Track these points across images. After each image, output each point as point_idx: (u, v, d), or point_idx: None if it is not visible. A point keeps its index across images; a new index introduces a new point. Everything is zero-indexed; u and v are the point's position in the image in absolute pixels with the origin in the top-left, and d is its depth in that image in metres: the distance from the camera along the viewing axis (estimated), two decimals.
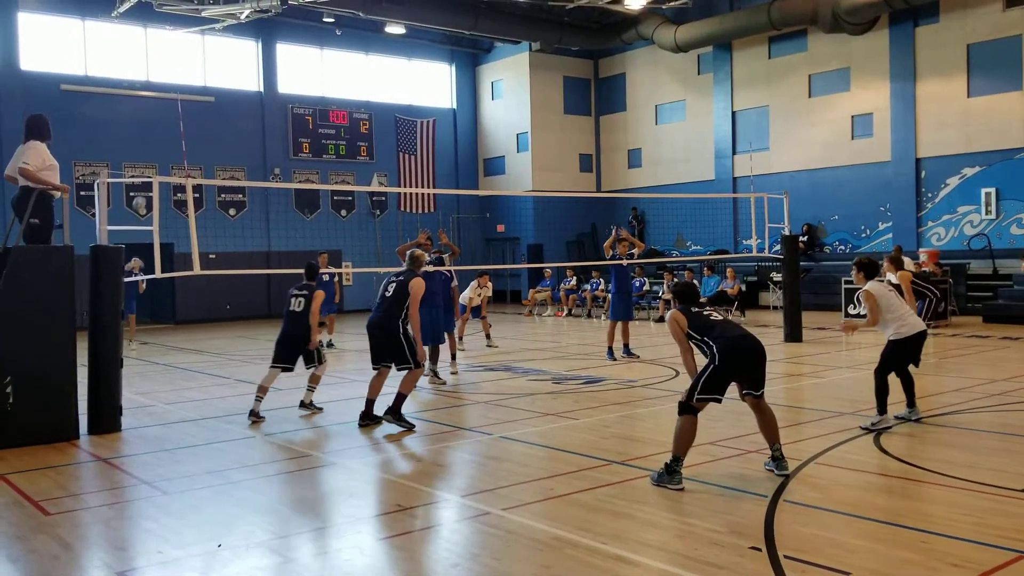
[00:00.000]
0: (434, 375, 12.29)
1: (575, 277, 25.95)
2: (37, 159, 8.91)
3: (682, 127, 29.61)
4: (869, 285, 8.51)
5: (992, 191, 22.40)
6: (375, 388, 9.42)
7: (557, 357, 15.35)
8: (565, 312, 25.27)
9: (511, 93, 31.83)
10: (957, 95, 22.96)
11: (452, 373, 13.06)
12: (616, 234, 14.78)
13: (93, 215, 10.07)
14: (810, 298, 21.95)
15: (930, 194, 23.69)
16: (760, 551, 5.08)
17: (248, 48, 27.87)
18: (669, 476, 6.44)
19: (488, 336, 16.80)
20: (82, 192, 22.97)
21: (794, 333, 16.48)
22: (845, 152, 25.28)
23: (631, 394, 11.04)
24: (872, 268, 8.69)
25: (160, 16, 23.43)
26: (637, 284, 22.69)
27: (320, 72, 29.41)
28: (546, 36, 29.03)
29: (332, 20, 26.92)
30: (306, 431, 9.20)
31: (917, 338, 8.52)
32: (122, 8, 22.59)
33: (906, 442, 7.96)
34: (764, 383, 6.77)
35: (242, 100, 27.56)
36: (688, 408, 6.55)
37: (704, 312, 6.79)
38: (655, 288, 24.26)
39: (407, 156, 30.62)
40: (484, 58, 32.79)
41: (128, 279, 17.91)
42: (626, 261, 14.63)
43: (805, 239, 24.67)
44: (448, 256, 13.35)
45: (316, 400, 10.28)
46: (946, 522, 5.53)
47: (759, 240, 17.91)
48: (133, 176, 24.42)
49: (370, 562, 5.24)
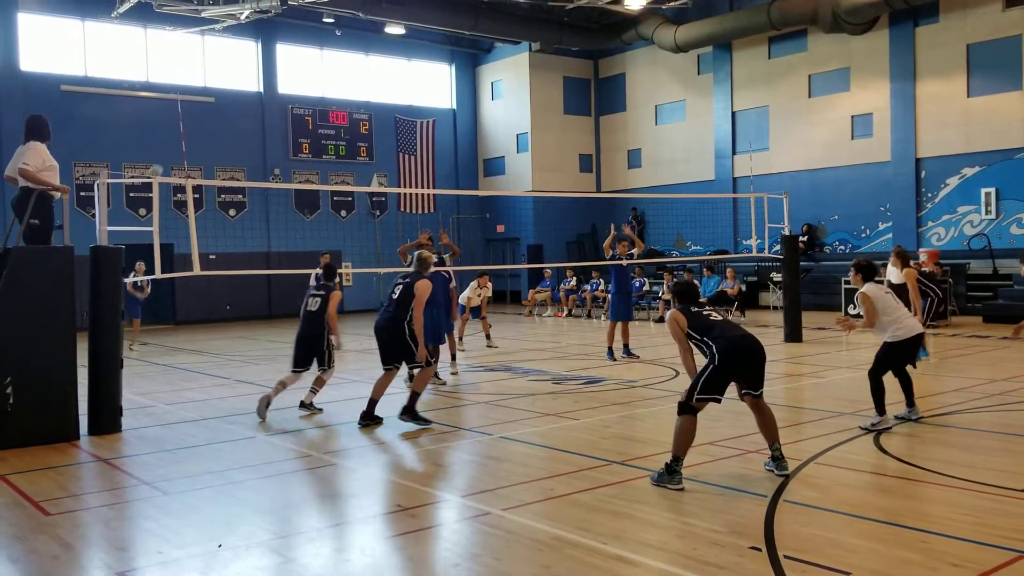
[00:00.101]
0: (434, 376, 12.29)
1: (575, 277, 25.94)
2: (37, 160, 8.90)
3: (682, 127, 29.61)
4: (866, 287, 8.52)
5: (992, 191, 22.40)
6: (379, 389, 9.44)
7: (557, 357, 15.35)
8: (565, 312, 25.27)
9: (511, 93, 31.82)
10: (957, 95, 22.97)
11: (452, 373, 13.07)
12: (619, 232, 14.79)
13: (93, 216, 10.07)
14: (810, 298, 21.95)
15: (930, 194, 23.69)
16: (760, 551, 5.08)
17: (248, 48, 27.87)
18: (669, 476, 6.45)
19: (488, 336, 16.81)
20: (82, 193, 22.97)
21: (794, 333, 16.49)
22: (845, 152, 25.28)
23: (631, 394, 11.04)
24: (870, 270, 8.70)
25: (160, 16, 23.43)
26: (637, 284, 22.70)
27: (320, 72, 29.40)
28: (546, 36, 29.02)
29: (332, 20, 26.91)
30: (307, 431, 9.20)
31: (914, 340, 8.53)
32: (122, 9, 22.58)
33: (906, 442, 7.96)
34: (763, 383, 6.79)
35: (242, 100, 27.56)
36: (688, 408, 6.56)
37: (704, 312, 6.80)
38: (655, 288, 24.27)
39: (407, 156, 30.60)
40: (484, 58, 32.78)
41: (133, 285, 18.03)
42: (626, 261, 14.63)
43: (805, 239, 24.68)
44: (448, 256, 13.35)
45: (317, 400, 10.28)
46: (946, 522, 5.54)
47: (759, 240, 17.91)
48: (133, 177, 24.40)
49: (370, 562, 5.25)
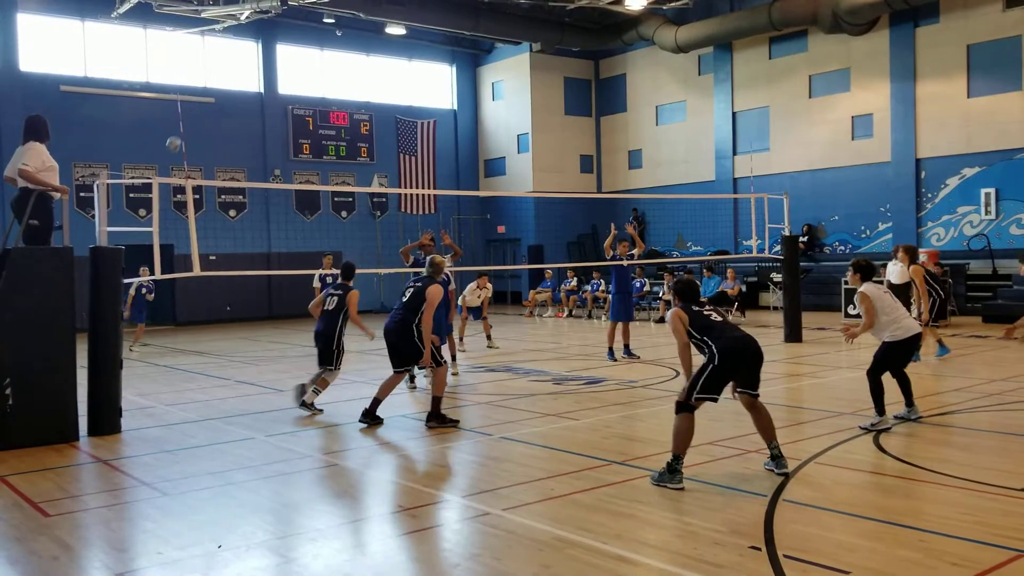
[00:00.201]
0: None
1: (576, 278, 25.95)
2: (36, 160, 8.89)
3: (683, 128, 29.61)
4: (865, 287, 8.49)
5: (992, 191, 22.40)
6: (385, 389, 9.46)
7: (558, 358, 15.35)
8: (566, 313, 25.27)
9: (512, 94, 31.83)
10: (957, 95, 22.97)
11: (453, 374, 13.06)
12: (620, 231, 14.79)
13: (93, 216, 10.06)
14: (810, 299, 21.96)
15: (930, 194, 23.69)
16: (760, 550, 5.08)
17: (248, 49, 27.87)
18: (671, 475, 6.45)
19: (489, 337, 16.80)
20: (82, 193, 22.98)
21: (794, 333, 16.50)
22: (845, 153, 25.28)
23: (632, 394, 11.04)
24: (868, 270, 8.69)
25: (160, 17, 23.44)
26: (637, 285, 22.70)
27: (320, 73, 29.41)
28: (547, 37, 29.03)
29: (332, 21, 26.91)
30: (307, 432, 9.19)
31: (912, 340, 8.52)
32: (122, 9, 22.58)
33: (905, 442, 7.96)
34: (759, 383, 6.80)
35: (242, 101, 27.55)
36: (686, 407, 6.57)
37: (705, 312, 6.80)
38: (655, 289, 24.27)
39: (408, 157, 30.59)
40: (485, 59, 32.79)
41: (147, 289, 18.00)
42: (626, 262, 14.63)
43: (805, 240, 24.70)
44: (450, 257, 13.35)
45: (318, 401, 10.28)
46: (945, 521, 5.54)
47: (759, 241, 17.92)
48: (133, 177, 24.40)
49: (371, 563, 5.24)
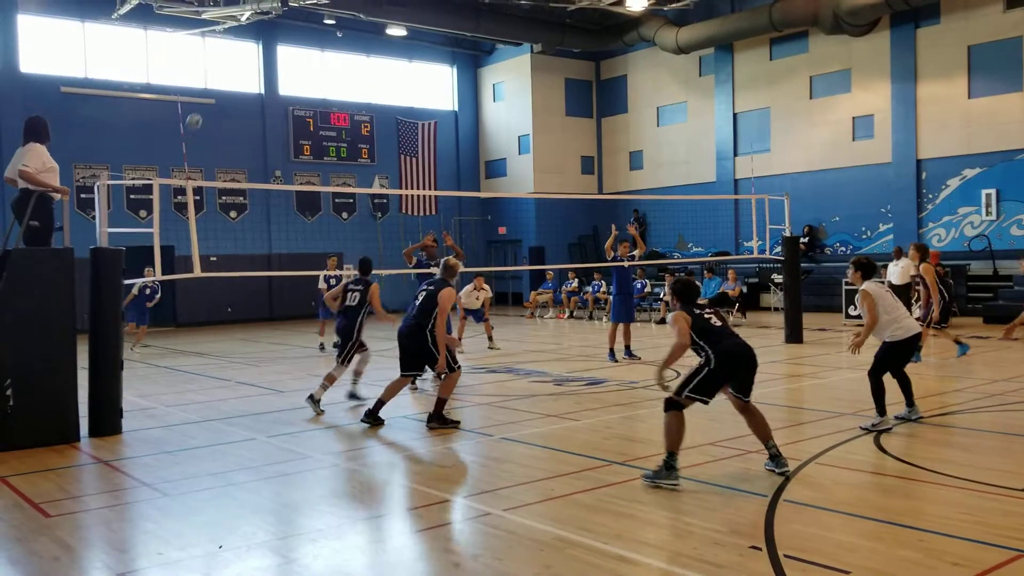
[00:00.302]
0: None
1: (577, 279, 25.95)
2: (37, 161, 8.89)
3: (683, 129, 29.61)
4: (866, 285, 8.47)
5: (992, 192, 22.40)
6: (390, 392, 9.45)
7: (559, 359, 15.35)
8: (567, 314, 25.27)
9: (512, 95, 31.83)
10: (958, 96, 22.96)
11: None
12: (622, 232, 14.80)
13: (93, 218, 10.06)
14: (811, 300, 21.95)
15: (931, 195, 23.68)
16: (760, 550, 5.08)
17: (249, 50, 27.88)
18: (667, 473, 6.46)
19: (490, 338, 16.81)
20: (82, 195, 22.99)
21: (795, 334, 16.49)
22: (846, 153, 25.28)
23: (632, 395, 11.03)
24: (869, 268, 8.67)
25: (160, 18, 23.43)
26: (638, 286, 22.69)
27: (321, 74, 29.40)
28: (547, 38, 29.04)
29: (333, 22, 26.93)
30: (307, 433, 9.19)
31: (912, 340, 8.51)
32: (122, 10, 22.58)
33: (906, 442, 7.95)
34: (752, 388, 6.83)
35: (243, 102, 27.54)
36: (675, 404, 6.60)
37: (705, 315, 6.78)
38: (656, 290, 24.25)
39: (408, 158, 30.58)
40: (485, 60, 32.79)
41: (150, 290, 17.97)
42: (627, 263, 14.65)
43: (806, 241, 24.69)
44: (451, 258, 13.34)
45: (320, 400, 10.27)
46: (945, 521, 5.54)
47: (760, 242, 17.92)
48: (133, 178, 24.40)
49: (371, 563, 5.25)
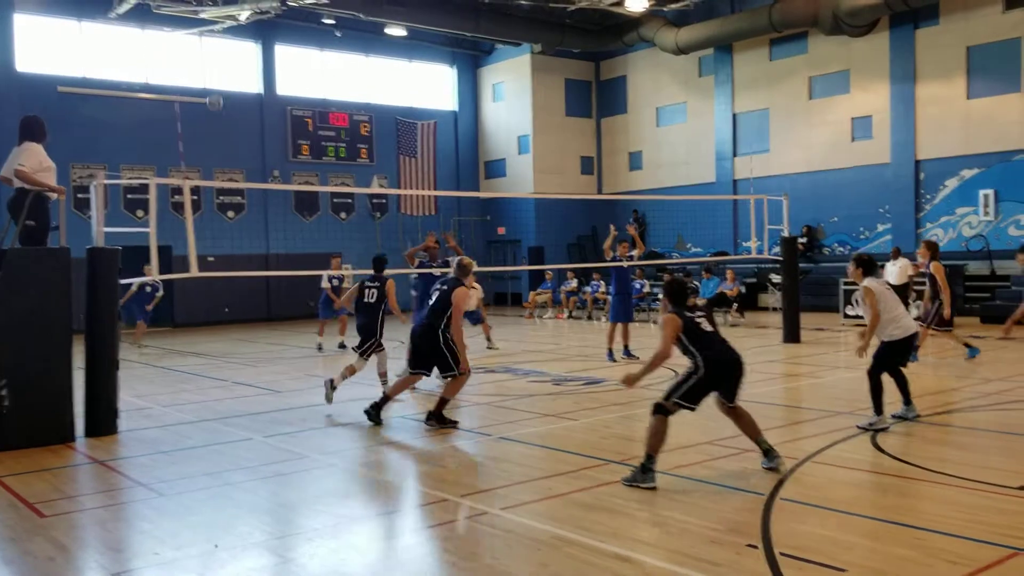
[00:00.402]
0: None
1: (576, 279, 25.94)
2: (33, 160, 8.86)
3: (683, 129, 29.61)
4: (868, 282, 8.44)
5: (990, 193, 22.40)
6: (398, 388, 9.49)
7: (557, 359, 15.34)
8: (566, 314, 25.26)
9: (512, 95, 31.81)
10: (957, 97, 22.96)
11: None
12: (621, 232, 14.80)
13: (90, 217, 10.03)
14: (809, 300, 21.96)
15: (929, 196, 23.68)
16: (757, 548, 5.08)
17: (247, 50, 27.85)
18: (643, 475, 6.46)
19: (489, 339, 16.80)
20: (79, 195, 22.95)
21: (792, 334, 16.48)
22: (845, 154, 25.27)
23: (630, 395, 10.96)
24: (870, 265, 8.64)
25: (158, 17, 23.42)
26: (637, 286, 22.68)
27: (320, 74, 29.36)
28: (547, 38, 29.03)
29: (332, 22, 26.92)
30: (304, 433, 9.17)
31: (910, 340, 8.51)
32: (120, 9, 22.56)
33: (902, 441, 7.95)
34: (738, 395, 6.85)
35: (241, 102, 27.49)
36: (663, 409, 6.60)
37: (696, 319, 6.74)
38: (655, 290, 24.23)
39: (408, 158, 30.55)
40: (485, 60, 32.78)
41: (152, 287, 17.94)
42: (626, 263, 14.65)
43: (804, 241, 24.68)
44: (453, 260, 13.36)
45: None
46: (941, 519, 5.54)
47: (759, 242, 17.90)
48: (131, 178, 24.37)
49: (368, 562, 5.24)
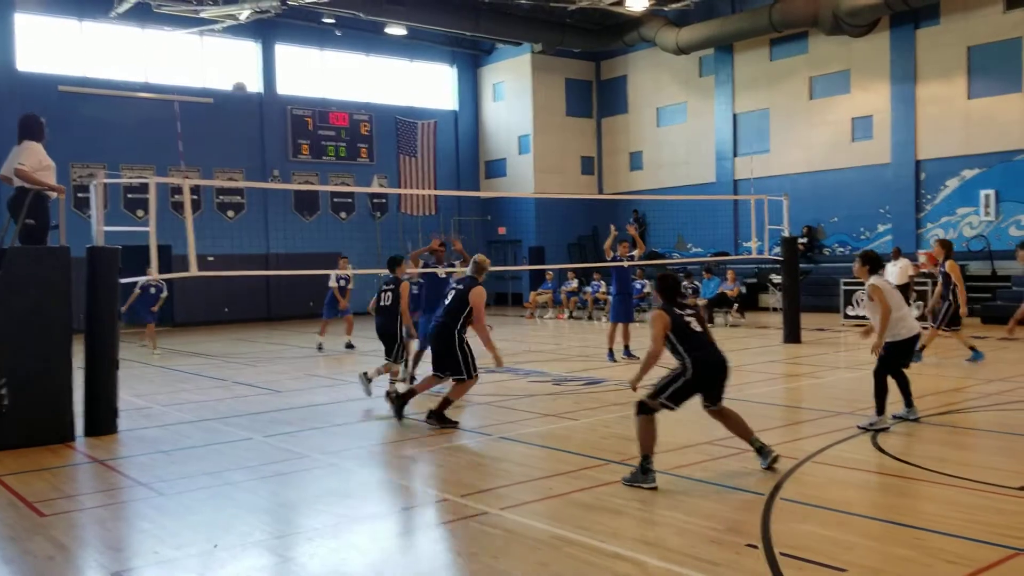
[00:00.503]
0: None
1: (576, 279, 25.92)
2: (33, 159, 8.85)
3: (683, 129, 29.60)
4: (875, 280, 8.41)
5: (991, 193, 22.39)
6: (423, 386, 9.49)
7: (558, 359, 15.34)
8: (566, 314, 25.25)
9: (512, 95, 31.80)
10: (957, 97, 22.95)
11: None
12: (621, 232, 14.81)
13: (90, 217, 10.02)
14: (809, 300, 21.94)
15: (929, 196, 23.67)
16: (757, 548, 5.07)
17: (247, 49, 27.83)
18: (644, 475, 6.46)
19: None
20: (79, 194, 22.93)
21: (793, 334, 16.47)
22: (845, 154, 25.27)
23: (630, 395, 10.85)
24: (877, 262, 8.59)
25: (158, 17, 23.41)
26: (638, 286, 22.67)
27: (320, 73, 29.35)
28: (548, 38, 29.02)
29: (332, 21, 26.90)
30: (304, 432, 9.16)
31: (913, 340, 8.49)
32: (120, 9, 22.56)
33: (903, 441, 7.94)
34: (723, 397, 6.86)
35: (241, 101, 27.47)
36: (647, 409, 6.61)
37: (686, 318, 6.72)
38: None
39: (408, 158, 30.52)
40: (485, 60, 32.76)
41: (156, 288, 17.89)
42: (627, 263, 14.65)
43: (805, 241, 24.67)
44: (459, 263, 13.39)
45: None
46: (941, 519, 5.53)
47: (759, 242, 17.89)
48: (131, 178, 24.36)
49: (368, 561, 5.23)
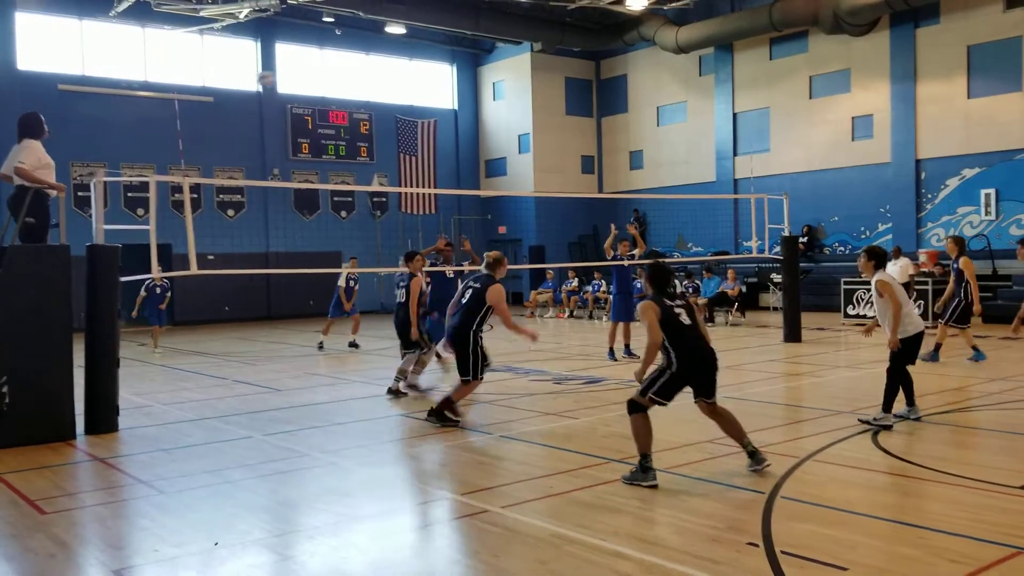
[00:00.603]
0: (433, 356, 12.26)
1: (577, 278, 25.92)
2: (33, 158, 8.85)
3: (683, 128, 29.59)
4: (882, 275, 8.37)
5: (992, 192, 22.40)
6: (459, 394, 9.28)
7: (558, 358, 15.34)
8: (567, 313, 25.25)
9: (512, 94, 31.79)
10: (957, 96, 22.95)
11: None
12: (621, 231, 14.83)
13: (90, 215, 10.02)
14: (810, 299, 21.94)
15: (930, 195, 23.67)
16: (758, 547, 5.07)
17: (247, 48, 27.83)
18: (643, 474, 6.45)
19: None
20: (80, 193, 22.94)
21: (793, 334, 16.47)
22: (845, 153, 25.26)
23: (631, 394, 10.97)
24: (882, 258, 8.57)
25: (158, 16, 23.40)
26: (638, 285, 22.61)
27: (320, 72, 29.35)
28: (548, 37, 29.01)
29: (332, 20, 26.89)
30: (304, 431, 9.16)
31: (919, 337, 8.47)
32: (120, 8, 22.56)
33: (904, 440, 7.93)
34: (716, 390, 6.83)
35: (241, 100, 27.50)
36: (638, 407, 6.62)
37: (675, 311, 6.68)
38: None
39: (408, 157, 30.52)
40: (485, 59, 32.75)
41: (151, 288, 17.86)
42: (627, 262, 14.66)
43: (805, 240, 24.67)
44: (468, 264, 13.42)
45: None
46: (944, 518, 5.52)
47: (759, 241, 17.89)
48: (130, 176, 24.36)
49: (368, 560, 5.22)
